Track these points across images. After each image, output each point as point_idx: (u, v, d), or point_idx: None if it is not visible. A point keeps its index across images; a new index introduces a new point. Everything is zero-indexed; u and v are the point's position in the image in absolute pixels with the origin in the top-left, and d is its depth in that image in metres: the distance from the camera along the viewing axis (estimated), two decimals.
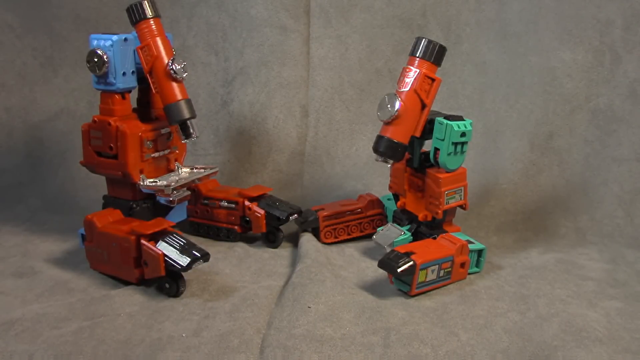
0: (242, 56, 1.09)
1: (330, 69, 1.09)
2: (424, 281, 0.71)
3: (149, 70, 0.76)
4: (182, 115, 0.76)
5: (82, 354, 0.59)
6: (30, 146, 1.13)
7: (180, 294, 0.71)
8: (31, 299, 0.70)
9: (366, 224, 0.90)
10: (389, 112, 0.77)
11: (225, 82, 1.11)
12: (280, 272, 0.79)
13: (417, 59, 0.78)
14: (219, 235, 0.89)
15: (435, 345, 0.61)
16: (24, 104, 1.14)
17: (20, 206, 1.02)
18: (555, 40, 0.98)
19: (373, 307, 0.68)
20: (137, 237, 0.70)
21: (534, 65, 1.00)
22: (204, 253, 0.70)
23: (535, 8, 1.00)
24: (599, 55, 0.97)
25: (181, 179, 0.80)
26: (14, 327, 0.63)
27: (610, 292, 0.74)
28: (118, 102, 0.77)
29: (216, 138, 1.10)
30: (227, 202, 0.88)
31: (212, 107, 1.11)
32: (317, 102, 1.09)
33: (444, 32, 1.06)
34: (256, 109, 1.08)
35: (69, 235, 0.87)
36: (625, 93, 0.96)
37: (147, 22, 0.75)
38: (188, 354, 0.59)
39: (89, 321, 0.64)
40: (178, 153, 0.84)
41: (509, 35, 1.02)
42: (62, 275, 0.77)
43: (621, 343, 0.62)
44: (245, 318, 0.65)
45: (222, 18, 1.10)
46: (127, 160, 0.76)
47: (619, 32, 0.96)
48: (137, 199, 0.79)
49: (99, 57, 0.74)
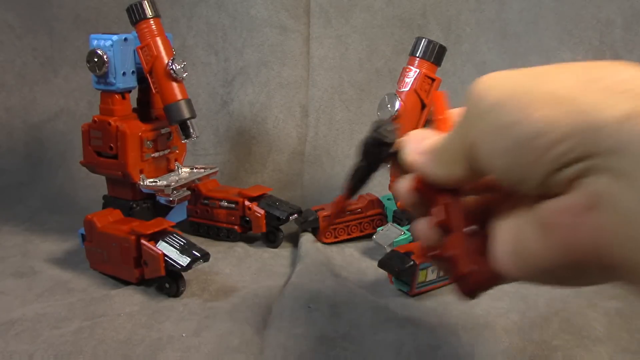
0: (242, 56, 1.09)
1: (330, 69, 1.09)
2: (424, 281, 0.71)
3: (149, 70, 0.76)
4: (182, 115, 0.76)
5: (82, 354, 0.59)
6: (30, 146, 1.13)
7: (180, 294, 0.71)
8: (31, 299, 0.70)
9: (366, 224, 0.90)
10: (389, 112, 0.77)
11: (225, 82, 1.11)
12: (280, 272, 0.79)
13: (417, 59, 0.78)
14: (219, 235, 0.89)
15: (435, 345, 0.61)
16: (24, 104, 1.14)
17: (20, 206, 1.02)
18: (555, 40, 0.98)
19: (373, 307, 0.68)
20: (137, 237, 0.70)
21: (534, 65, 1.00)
22: (204, 253, 0.70)
23: (535, 8, 1.00)
24: (599, 55, 0.97)
25: (181, 179, 0.81)
26: (14, 327, 0.63)
27: (610, 292, 0.74)
28: (118, 102, 0.77)
29: (216, 138, 1.10)
30: (227, 202, 0.88)
31: (212, 107, 1.11)
32: (317, 102, 1.09)
33: (444, 32, 1.06)
34: (256, 109, 1.08)
35: (69, 235, 0.87)
36: None
37: (147, 22, 0.75)
38: (188, 354, 0.59)
39: (89, 321, 0.64)
40: (178, 153, 0.84)
41: (509, 35, 1.02)
42: (62, 275, 0.77)
43: (621, 343, 0.62)
44: (245, 318, 0.65)
45: (222, 18, 1.10)
46: (127, 160, 0.76)
47: (619, 32, 0.96)
48: (137, 199, 0.79)
49: (99, 57, 0.74)
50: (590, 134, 0.24)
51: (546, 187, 0.26)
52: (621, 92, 0.25)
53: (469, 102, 0.29)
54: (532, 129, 0.25)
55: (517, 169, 0.27)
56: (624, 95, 0.24)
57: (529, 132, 0.26)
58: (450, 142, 0.32)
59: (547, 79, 0.27)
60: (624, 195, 0.23)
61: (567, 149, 0.25)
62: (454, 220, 0.34)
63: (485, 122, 0.28)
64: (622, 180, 0.23)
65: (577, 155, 0.25)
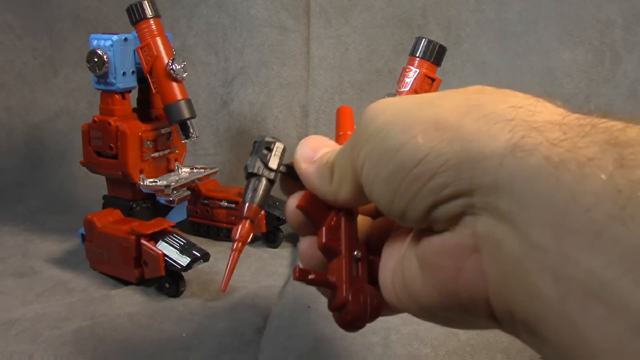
0: (242, 56, 1.09)
1: (330, 69, 1.09)
2: None
3: (149, 70, 0.76)
4: (182, 115, 0.76)
5: (82, 354, 0.59)
6: (30, 146, 1.13)
7: (180, 294, 0.71)
8: (31, 299, 0.70)
9: None
10: None
11: (225, 82, 1.11)
12: (280, 272, 0.79)
13: (417, 59, 0.78)
14: (219, 235, 0.89)
15: (435, 345, 0.61)
16: (24, 104, 1.14)
17: (20, 206, 1.02)
18: (555, 40, 0.98)
19: None
20: (137, 237, 0.70)
21: (534, 65, 1.00)
22: (204, 253, 0.70)
23: (535, 8, 1.00)
24: (599, 55, 0.97)
25: (181, 179, 0.80)
26: (14, 327, 0.63)
27: None
28: (118, 102, 0.77)
29: (216, 138, 1.10)
30: (227, 202, 0.88)
31: (212, 107, 1.11)
32: (317, 102, 1.09)
33: (444, 32, 1.06)
34: (256, 109, 1.08)
35: (69, 235, 0.87)
36: (626, 93, 0.96)
37: (147, 22, 0.75)
38: (188, 353, 0.59)
39: (89, 321, 0.64)
40: (178, 153, 0.84)
41: (509, 35, 1.02)
42: (62, 275, 0.77)
43: None
44: (245, 318, 0.65)
45: (222, 18, 1.10)
46: (127, 160, 0.75)
47: (619, 32, 0.96)
48: (137, 199, 0.79)
49: (99, 57, 0.74)
50: (468, 167, 0.22)
51: (428, 222, 0.24)
52: (504, 120, 0.22)
53: (360, 125, 0.27)
54: (413, 154, 0.23)
55: (398, 201, 0.25)
56: (507, 125, 0.22)
57: (410, 158, 0.23)
58: (341, 160, 0.29)
59: (433, 104, 0.25)
60: (508, 241, 0.21)
61: (444, 182, 0.22)
62: (340, 243, 0.31)
63: (371, 146, 0.25)
64: (505, 224, 0.21)
65: (455, 190, 0.22)
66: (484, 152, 0.21)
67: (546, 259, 0.19)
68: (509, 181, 0.20)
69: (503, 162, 0.21)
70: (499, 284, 0.22)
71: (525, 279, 0.20)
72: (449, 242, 0.23)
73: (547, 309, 0.20)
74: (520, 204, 0.20)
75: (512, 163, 0.20)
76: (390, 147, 0.24)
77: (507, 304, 0.22)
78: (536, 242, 0.19)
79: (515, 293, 0.21)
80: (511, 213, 0.20)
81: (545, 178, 0.19)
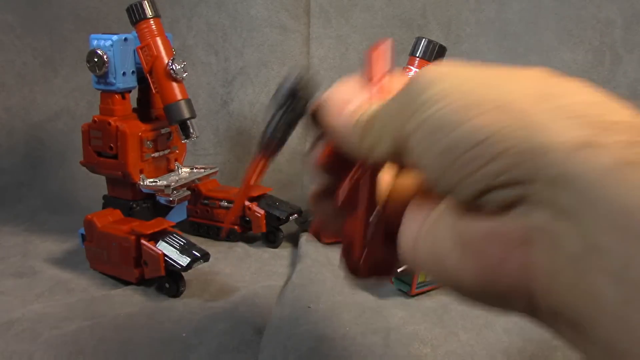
0: (242, 56, 1.09)
1: (330, 69, 1.09)
2: (424, 281, 0.71)
3: (149, 70, 0.76)
4: (182, 115, 0.76)
5: (82, 354, 0.59)
6: (30, 146, 1.13)
7: (180, 294, 0.71)
8: (31, 299, 0.70)
9: None
10: None
11: (225, 82, 1.11)
12: (280, 272, 0.79)
13: (417, 59, 0.78)
14: (219, 235, 0.89)
15: (435, 345, 0.61)
16: (24, 104, 1.14)
17: (20, 206, 1.02)
18: (555, 40, 0.98)
19: (373, 307, 0.68)
20: (137, 237, 0.70)
21: (534, 65, 1.00)
22: (204, 253, 0.70)
23: (535, 8, 1.00)
24: (599, 55, 0.97)
25: (181, 179, 0.81)
26: (14, 327, 0.63)
27: None
28: (118, 102, 0.77)
29: (216, 138, 1.10)
30: (227, 202, 0.88)
31: (212, 107, 1.11)
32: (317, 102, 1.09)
33: (444, 32, 1.06)
34: (256, 109, 1.08)
35: (69, 235, 0.87)
36: (626, 93, 0.96)
37: (147, 22, 0.75)
38: (188, 353, 0.59)
39: (89, 321, 0.64)
40: (178, 153, 0.84)
41: (509, 35, 1.02)
42: (62, 275, 0.77)
43: None
44: (245, 318, 0.65)
45: (222, 18, 1.10)
46: (127, 160, 0.75)
47: (619, 32, 0.96)
48: (137, 199, 0.79)
49: (99, 57, 0.74)
50: (531, 157, 0.21)
51: (477, 204, 0.23)
52: (576, 116, 0.21)
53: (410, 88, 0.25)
54: (471, 135, 0.22)
55: (449, 178, 0.23)
56: (578, 120, 0.21)
57: (468, 137, 0.22)
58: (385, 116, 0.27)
59: (500, 82, 0.24)
60: (567, 237, 0.20)
61: (502, 169, 0.22)
62: (357, 202, 0.30)
63: (425, 115, 0.24)
64: (567, 220, 0.20)
65: (513, 178, 0.21)
66: (551, 145, 0.21)
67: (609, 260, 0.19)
68: (575, 177, 0.20)
69: (570, 157, 0.20)
70: (550, 280, 0.21)
71: (582, 278, 0.20)
72: (498, 229, 0.22)
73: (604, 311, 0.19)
74: (585, 201, 0.19)
75: (581, 159, 0.20)
76: (446, 123, 0.23)
77: (556, 301, 0.21)
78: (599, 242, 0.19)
79: (568, 291, 0.20)
80: (574, 209, 0.20)
81: (615, 179, 0.19)
